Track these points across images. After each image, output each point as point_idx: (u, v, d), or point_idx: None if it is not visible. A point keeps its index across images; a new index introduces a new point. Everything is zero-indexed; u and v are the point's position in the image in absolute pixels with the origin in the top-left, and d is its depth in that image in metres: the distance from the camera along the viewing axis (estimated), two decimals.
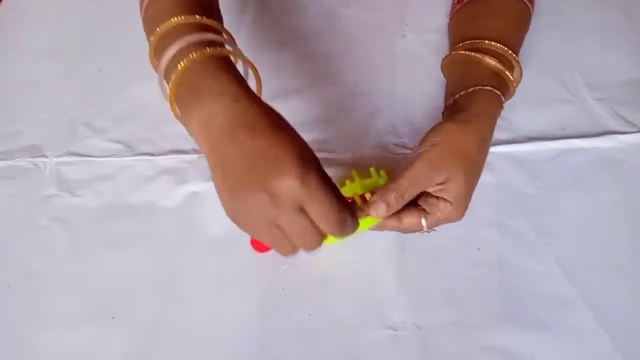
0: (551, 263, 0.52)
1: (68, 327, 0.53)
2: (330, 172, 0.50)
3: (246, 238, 0.56)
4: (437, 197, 0.47)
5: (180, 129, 0.64)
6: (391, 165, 0.59)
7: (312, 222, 0.39)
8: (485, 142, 0.50)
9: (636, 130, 0.59)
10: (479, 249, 0.53)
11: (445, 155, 0.47)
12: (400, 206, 0.46)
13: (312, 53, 0.69)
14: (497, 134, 0.59)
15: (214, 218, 0.58)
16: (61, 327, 0.53)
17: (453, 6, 0.63)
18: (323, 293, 0.53)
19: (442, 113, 0.55)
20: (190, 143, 0.63)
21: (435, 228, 0.49)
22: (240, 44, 0.64)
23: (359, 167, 0.59)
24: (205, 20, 0.46)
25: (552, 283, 0.51)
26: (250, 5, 0.74)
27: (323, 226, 0.39)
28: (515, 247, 0.53)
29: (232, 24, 0.72)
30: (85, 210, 0.60)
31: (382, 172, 0.53)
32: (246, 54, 0.59)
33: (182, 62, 0.42)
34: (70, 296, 0.55)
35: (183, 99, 0.43)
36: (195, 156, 0.62)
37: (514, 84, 0.54)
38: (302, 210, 0.38)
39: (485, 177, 0.53)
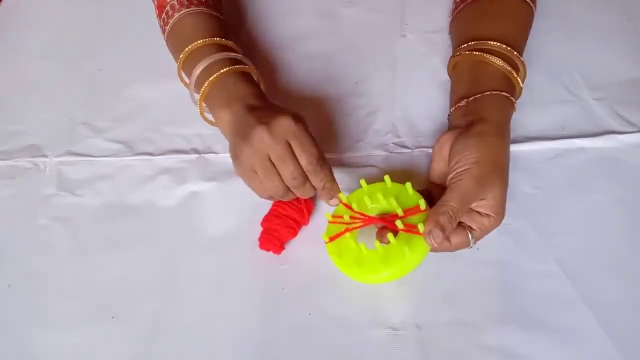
0: (551, 263, 0.52)
1: (68, 327, 0.53)
2: None
3: (246, 238, 0.56)
4: (480, 213, 0.48)
5: (181, 129, 0.64)
6: (391, 165, 0.59)
7: (296, 158, 0.49)
8: (509, 148, 0.51)
9: (636, 130, 0.58)
10: (478, 249, 0.53)
11: (488, 171, 0.47)
12: (453, 229, 0.47)
13: (312, 53, 0.69)
14: None
15: (214, 218, 0.58)
16: (61, 327, 0.53)
17: (456, 6, 0.63)
18: (323, 293, 0.53)
19: (449, 114, 0.55)
20: (190, 143, 0.63)
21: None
22: (242, 44, 0.64)
23: (360, 167, 0.59)
24: (225, 42, 0.58)
25: (552, 283, 0.51)
26: (251, 6, 0.74)
27: (303, 158, 0.49)
28: (515, 247, 0.53)
29: (234, 24, 0.72)
30: (85, 210, 0.60)
31: (409, 184, 0.50)
32: (247, 54, 0.59)
33: (213, 77, 0.54)
34: (70, 296, 0.55)
35: (214, 102, 0.55)
36: (195, 156, 0.62)
37: (521, 86, 0.54)
38: (289, 145, 0.49)
39: None
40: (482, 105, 0.52)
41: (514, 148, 0.58)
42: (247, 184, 0.52)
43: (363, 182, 0.52)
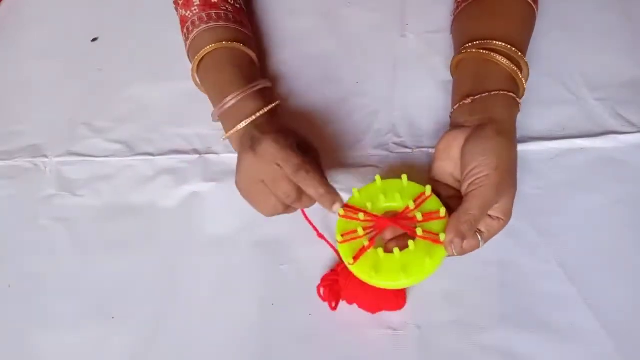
0: (551, 263, 0.52)
1: (68, 327, 0.53)
2: (330, 172, 0.50)
3: (246, 238, 0.56)
4: (490, 216, 0.48)
5: (181, 129, 0.64)
6: (391, 165, 0.59)
7: (287, 175, 0.48)
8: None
9: (636, 130, 0.58)
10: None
11: (505, 177, 0.47)
12: (472, 236, 0.47)
13: (312, 53, 0.69)
14: None
15: (214, 218, 0.58)
16: (61, 327, 0.53)
17: (457, 5, 0.63)
18: None
19: (452, 111, 0.55)
20: (190, 143, 0.63)
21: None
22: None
23: (360, 167, 0.59)
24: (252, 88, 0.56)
25: (552, 283, 0.51)
26: (251, 6, 0.74)
27: (288, 170, 0.48)
28: (515, 247, 0.53)
29: None
30: (85, 210, 0.60)
31: (429, 187, 0.48)
32: None
33: (242, 122, 0.53)
34: (70, 296, 0.55)
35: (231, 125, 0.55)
36: (195, 156, 0.62)
37: (524, 87, 0.54)
38: (278, 166, 0.49)
39: None
40: (490, 105, 0.51)
41: None
42: (251, 205, 0.52)
43: (378, 178, 0.50)
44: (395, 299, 0.50)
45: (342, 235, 0.48)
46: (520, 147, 0.58)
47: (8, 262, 0.58)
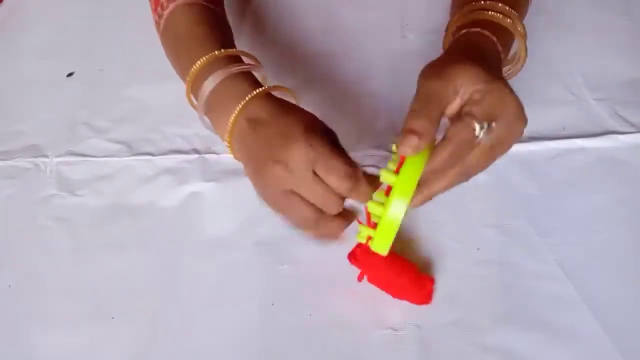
0: (551, 263, 0.52)
1: (68, 327, 0.53)
2: None
3: (246, 238, 0.56)
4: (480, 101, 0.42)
5: (181, 129, 0.64)
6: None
7: (326, 184, 0.42)
8: (483, 52, 0.46)
9: (636, 130, 0.59)
10: (478, 249, 0.53)
11: (444, 63, 0.43)
12: (430, 128, 0.40)
13: (312, 53, 0.69)
14: None
15: (214, 218, 0.58)
16: (61, 327, 0.53)
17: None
18: (323, 293, 0.53)
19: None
20: (190, 143, 0.63)
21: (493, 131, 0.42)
22: (242, 44, 0.64)
23: (360, 167, 0.59)
24: (231, 52, 0.51)
25: (552, 283, 0.51)
26: (251, 6, 0.74)
27: (333, 180, 0.41)
28: (515, 247, 0.53)
29: (233, 25, 0.72)
30: (85, 210, 0.60)
31: (394, 145, 0.43)
32: None
33: (236, 109, 0.46)
34: (70, 296, 0.55)
35: (213, 110, 0.49)
36: (195, 156, 0.62)
37: (521, 37, 0.51)
38: (315, 174, 0.41)
39: (484, 177, 0.53)
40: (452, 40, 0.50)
41: (514, 148, 0.57)
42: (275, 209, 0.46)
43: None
44: (420, 290, 0.50)
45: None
46: (520, 147, 0.58)
47: (8, 262, 0.58)
